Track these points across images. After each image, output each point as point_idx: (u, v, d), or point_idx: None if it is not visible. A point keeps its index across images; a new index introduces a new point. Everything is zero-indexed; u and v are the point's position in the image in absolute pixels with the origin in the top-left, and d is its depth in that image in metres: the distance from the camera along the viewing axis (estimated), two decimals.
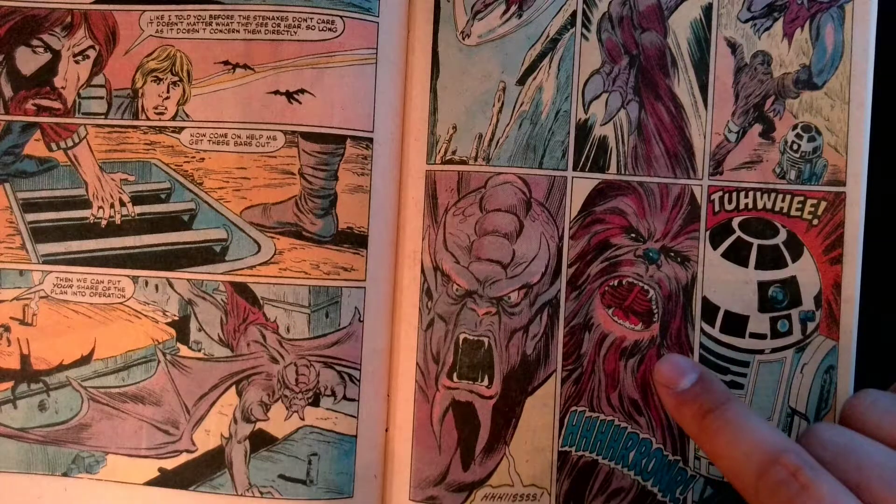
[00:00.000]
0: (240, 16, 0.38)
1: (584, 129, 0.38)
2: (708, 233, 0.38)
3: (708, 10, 0.39)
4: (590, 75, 0.39)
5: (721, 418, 0.32)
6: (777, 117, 0.38)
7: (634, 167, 0.38)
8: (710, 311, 0.38)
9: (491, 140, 0.38)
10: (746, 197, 0.38)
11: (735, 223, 0.38)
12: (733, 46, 0.39)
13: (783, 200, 0.38)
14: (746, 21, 0.39)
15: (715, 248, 0.38)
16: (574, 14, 0.39)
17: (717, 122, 0.39)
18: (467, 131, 0.38)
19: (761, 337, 0.38)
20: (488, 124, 0.38)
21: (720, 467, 0.32)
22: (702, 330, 0.38)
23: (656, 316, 0.38)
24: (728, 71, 0.38)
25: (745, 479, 0.30)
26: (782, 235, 0.38)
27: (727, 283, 0.38)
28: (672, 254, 0.38)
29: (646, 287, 0.38)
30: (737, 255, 0.38)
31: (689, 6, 0.39)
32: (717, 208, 0.38)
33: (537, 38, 0.38)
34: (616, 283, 0.38)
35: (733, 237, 0.38)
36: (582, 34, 0.39)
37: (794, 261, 0.38)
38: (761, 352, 0.38)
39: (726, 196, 0.38)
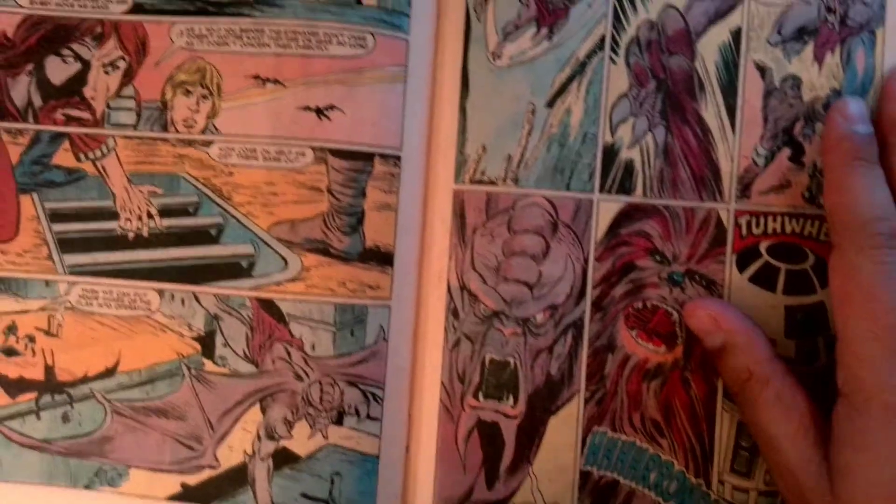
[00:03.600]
0: (270, 30, 0.38)
1: (610, 152, 0.39)
2: (735, 256, 0.38)
3: (737, 34, 0.39)
4: (617, 99, 0.39)
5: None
6: (807, 141, 0.38)
7: (660, 190, 0.39)
8: None
9: (520, 161, 0.38)
10: (774, 221, 0.38)
11: (763, 247, 0.38)
12: (763, 70, 0.39)
13: (812, 225, 0.38)
14: (776, 45, 0.39)
15: (742, 271, 0.38)
16: (602, 38, 0.39)
17: (746, 146, 0.39)
18: (497, 152, 0.38)
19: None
20: (518, 146, 0.38)
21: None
22: None
23: (680, 339, 0.38)
24: (757, 94, 0.38)
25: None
26: (811, 260, 0.38)
27: (754, 308, 0.38)
28: (697, 277, 0.38)
29: (670, 310, 0.38)
30: (764, 279, 0.38)
31: (718, 30, 0.39)
32: (744, 232, 0.38)
33: (566, 62, 0.39)
34: (640, 305, 0.38)
35: (761, 261, 0.38)
36: (610, 58, 0.39)
37: (822, 286, 0.38)
38: None
39: (754, 220, 0.38)
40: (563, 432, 0.38)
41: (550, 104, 0.39)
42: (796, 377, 0.35)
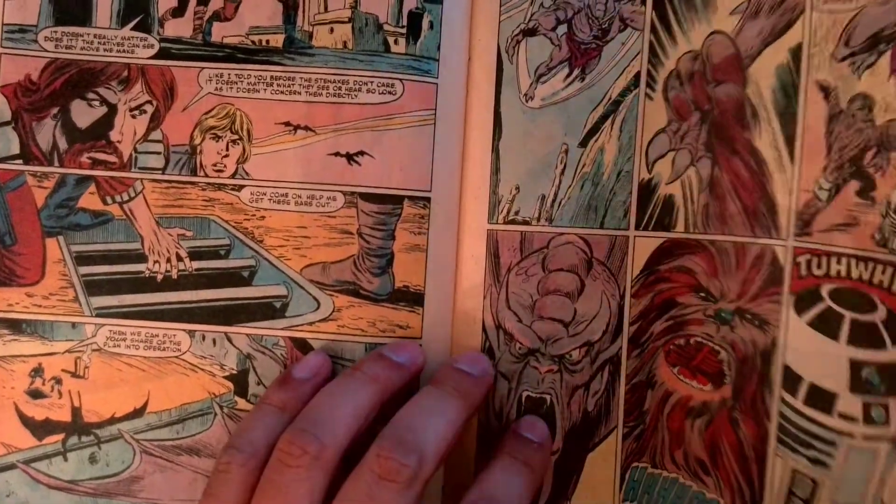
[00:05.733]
0: (301, 78, 0.39)
1: (647, 189, 0.38)
2: (792, 297, 0.36)
3: (797, 52, 0.36)
4: (654, 135, 0.38)
5: None
6: (879, 173, 0.34)
7: (705, 225, 0.37)
8: (792, 379, 0.36)
9: (553, 201, 0.38)
10: (839, 263, 0.35)
11: (825, 291, 0.35)
12: (826, 90, 0.35)
13: (883, 272, 0.34)
14: (843, 59, 0.35)
15: (800, 314, 0.36)
16: (637, 75, 0.38)
17: (806, 178, 0.35)
18: (530, 192, 0.38)
19: (852, 420, 0.35)
20: (551, 186, 0.38)
21: None
22: (781, 398, 0.36)
23: (728, 378, 0.37)
24: (820, 119, 0.35)
25: None
26: (881, 313, 0.34)
27: (814, 354, 0.35)
28: (749, 316, 0.37)
29: (716, 347, 0.37)
30: (826, 325, 0.35)
31: (773, 51, 0.36)
32: (803, 272, 0.36)
33: (599, 101, 0.38)
34: (683, 341, 0.37)
35: (822, 306, 0.35)
36: (646, 94, 0.38)
37: (895, 343, 0.34)
38: (851, 436, 0.35)
39: (815, 260, 0.35)
40: (602, 468, 0.38)
41: (583, 144, 0.38)
42: None
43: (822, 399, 0.35)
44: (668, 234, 0.38)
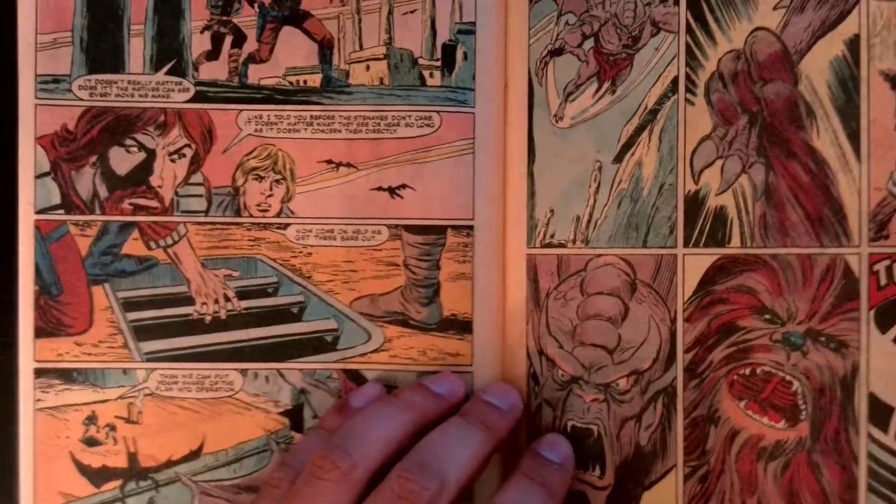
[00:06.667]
0: (341, 116, 0.39)
1: (695, 202, 0.36)
2: (872, 312, 0.33)
3: (854, 44, 0.34)
4: (698, 142, 0.36)
5: None
6: None
7: (763, 238, 0.34)
8: (880, 411, 0.33)
9: (589, 221, 0.37)
10: None
11: None
12: (893, 80, 0.33)
13: None
14: None
15: (884, 331, 0.33)
16: (675, 80, 0.36)
17: (877, 176, 0.33)
18: (564, 214, 0.38)
19: None
20: (585, 206, 0.37)
21: None
22: (870, 436, 0.33)
23: (804, 413, 0.33)
24: (888, 112, 0.33)
25: None
26: None
27: None
28: (823, 338, 0.33)
29: (788, 378, 0.34)
30: None
31: (826, 44, 0.34)
32: (883, 281, 0.33)
33: (634, 112, 0.37)
34: (748, 371, 0.34)
35: None
36: (686, 100, 0.36)
37: None
38: None
39: (894, 265, 0.33)
40: None
41: (619, 159, 0.37)
42: None
43: None
44: (722, 251, 0.35)
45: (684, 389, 0.35)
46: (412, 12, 0.40)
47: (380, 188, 0.39)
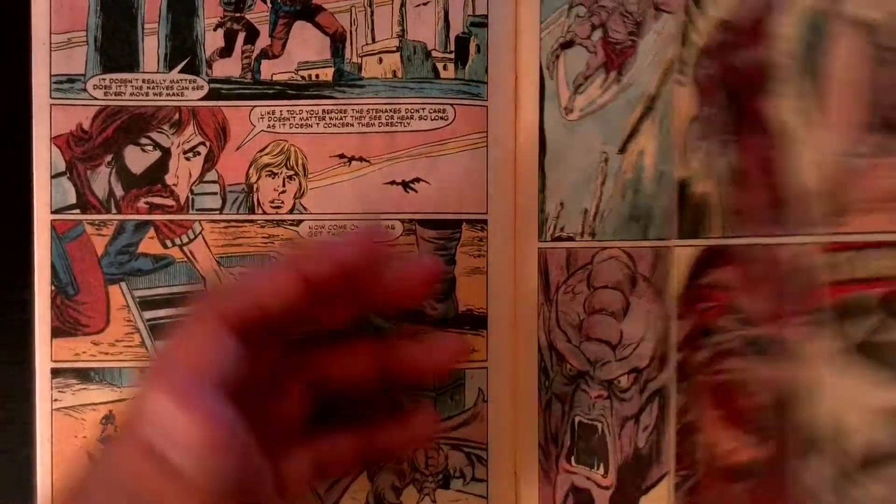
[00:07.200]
0: (353, 110, 0.39)
1: (684, 188, 0.34)
2: (832, 313, 0.27)
3: None
4: (689, 124, 0.34)
5: None
6: None
7: (736, 227, 0.31)
8: (842, 436, 0.27)
9: (596, 214, 0.37)
10: (893, 255, 0.26)
11: (875, 298, 0.26)
12: (866, 28, 0.27)
13: None
14: None
15: (843, 337, 0.27)
16: (672, 61, 0.35)
17: (838, 143, 0.27)
18: (573, 207, 0.37)
19: None
20: (592, 199, 0.37)
21: None
22: (836, 464, 0.27)
23: (771, 431, 0.29)
24: (854, 65, 0.27)
25: None
26: None
27: (865, 394, 0.26)
28: (782, 344, 0.29)
29: (755, 388, 0.29)
30: (876, 350, 0.26)
31: None
32: (843, 276, 0.27)
33: (637, 100, 0.36)
34: (724, 378, 0.31)
35: (873, 321, 0.26)
36: (677, 81, 0.33)
37: None
38: None
39: (857, 257, 0.27)
40: None
41: (623, 149, 0.36)
42: None
43: (887, 464, 0.25)
44: (702, 241, 0.32)
45: (677, 392, 0.34)
46: (425, 4, 0.39)
47: (393, 182, 0.39)
